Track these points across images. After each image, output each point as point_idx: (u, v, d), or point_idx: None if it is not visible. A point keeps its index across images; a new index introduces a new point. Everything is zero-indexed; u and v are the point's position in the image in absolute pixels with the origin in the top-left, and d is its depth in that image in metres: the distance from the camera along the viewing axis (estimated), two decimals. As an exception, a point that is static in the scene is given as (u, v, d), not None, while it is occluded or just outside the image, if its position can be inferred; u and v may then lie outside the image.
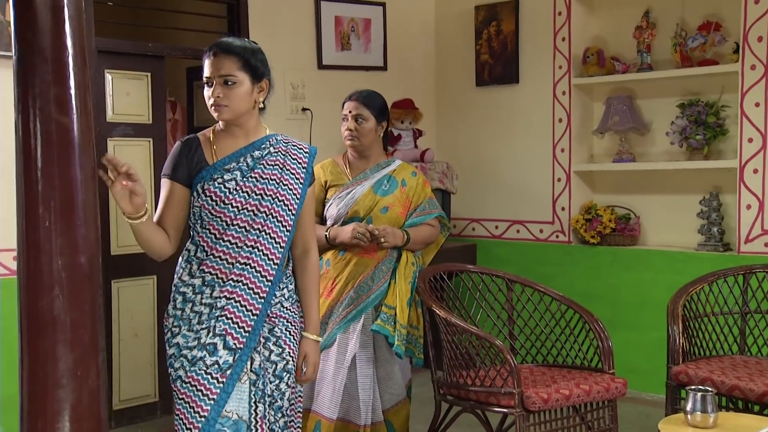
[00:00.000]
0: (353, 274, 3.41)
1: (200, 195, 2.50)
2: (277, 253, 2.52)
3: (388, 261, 3.46)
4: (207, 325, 2.46)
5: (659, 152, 5.29)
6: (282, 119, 5.26)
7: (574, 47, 5.44)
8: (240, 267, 2.48)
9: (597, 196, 5.56)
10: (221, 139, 2.57)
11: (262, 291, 2.50)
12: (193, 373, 2.44)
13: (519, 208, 5.72)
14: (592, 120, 5.54)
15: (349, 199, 3.47)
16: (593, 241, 5.32)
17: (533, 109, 5.62)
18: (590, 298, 5.31)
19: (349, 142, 3.49)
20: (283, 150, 2.60)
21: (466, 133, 5.99)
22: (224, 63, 2.47)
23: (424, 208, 3.55)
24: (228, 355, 2.45)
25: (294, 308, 2.63)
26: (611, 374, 3.49)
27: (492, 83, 5.80)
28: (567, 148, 5.46)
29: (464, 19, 5.93)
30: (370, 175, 3.52)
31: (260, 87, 2.54)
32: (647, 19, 5.18)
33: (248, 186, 2.51)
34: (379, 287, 3.41)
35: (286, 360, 2.57)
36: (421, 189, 3.58)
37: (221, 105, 2.48)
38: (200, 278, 2.50)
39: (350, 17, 5.58)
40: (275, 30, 5.22)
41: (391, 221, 3.47)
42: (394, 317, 3.39)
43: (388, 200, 3.49)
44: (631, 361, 5.06)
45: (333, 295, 3.41)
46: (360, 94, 3.53)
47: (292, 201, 2.57)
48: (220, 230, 2.49)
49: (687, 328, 3.78)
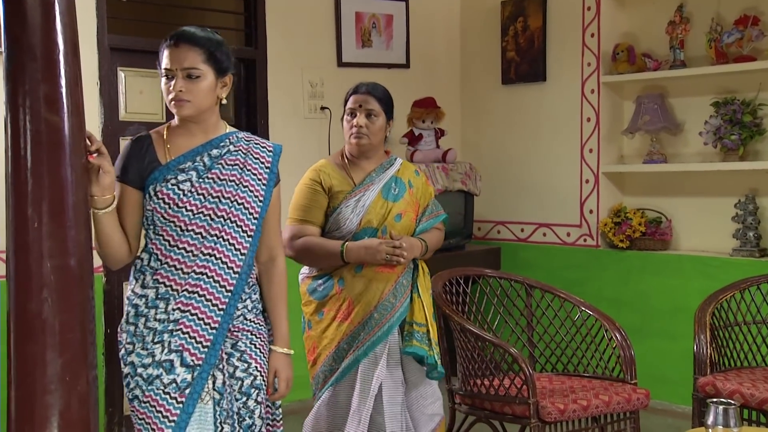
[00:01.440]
0: (374, 292, 3.11)
1: (152, 198, 2.37)
2: (237, 261, 2.39)
3: (407, 274, 3.20)
4: (160, 340, 2.34)
5: (692, 153, 5.20)
6: (300, 118, 5.26)
7: (604, 44, 5.37)
8: (195, 277, 2.35)
9: (627, 199, 5.48)
10: (176, 137, 2.43)
11: (221, 302, 2.37)
12: (151, 392, 2.33)
13: (545, 211, 5.67)
14: (622, 119, 5.47)
15: (360, 208, 3.16)
16: (622, 246, 5.25)
17: (560, 108, 5.56)
18: (619, 304, 5.25)
19: (357, 140, 3.18)
20: (244, 148, 2.46)
21: (491, 133, 5.95)
22: (188, 55, 2.34)
23: (431, 210, 3.32)
24: (186, 373, 2.33)
25: (259, 320, 2.50)
26: (633, 384, 3.44)
27: (518, 81, 5.75)
28: (595, 148, 5.40)
29: (490, 15, 5.89)
30: (376, 177, 3.21)
31: (223, 82, 2.42)
32: (680, 14, 5.10)
33: (204, 188, 2.38)
34: (402, 304, 3.15)
35: (253, 376, 2.44)
36: (426, 189, 3.34)
37: (183, 100, 2.34)
38: (153, 289, 2.37)
39: (371, 13, 5.57)
40: (294, 26, 5.22)
41: (405, 229, 3.20)
42: (427, 335, 3.14)
43: (401, 206, 3.21)
44: (661, 371, 4.99)
45: (351, 318, 3.10)
46: (369, 87, 3.26)
47: (253, 204, 2.43)
48: (174, 236, 2.36)
49: (716, 337, 3.72)
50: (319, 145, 5.31)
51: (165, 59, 2.37)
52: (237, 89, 5.17)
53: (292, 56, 5.21)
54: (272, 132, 5.14)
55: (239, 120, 5.19)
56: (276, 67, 5.14)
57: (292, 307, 2.70)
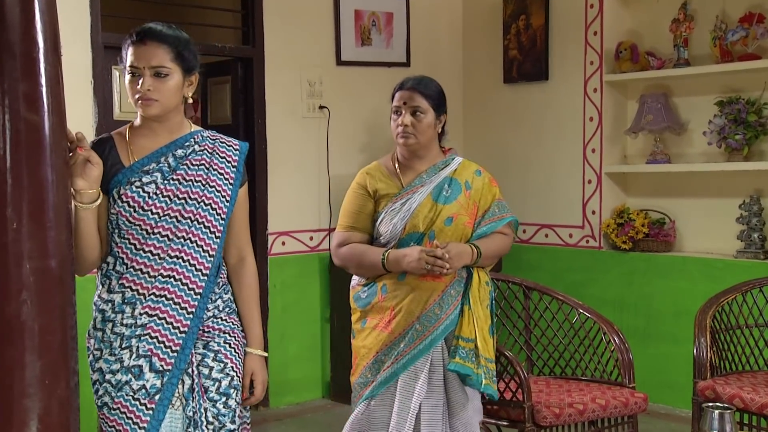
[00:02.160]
0: (417, 302, 2.95)
1: (116, 201, 2.33)
2: (206, 263, 2.36)
3: (457, 283, 2.99)
4: (128, 345, 2.30)
5: (696, 153, 5.18)
6: (298, 117, 5.26)
7: (607, 42, 5.35)
8: (163, 280, 2.32)
9: (630, 200, 5.46)
10: (139, 138, 2.39)
11: (190, 305, 2.34)
12: (121, 399, 2.30)
13: (548, 212, 5.65)
14: (625, 119, 5.45)
15: (406, 212, 2.98)
16: (625, 247, 5.23)
17: (563, 108, 5.54)
18: (622, 307, 5.23)
19: (403, 140, 3.00)
20: (210, 148, 2.43)
21: (493, 133, 5.93)
22: (156, 52, 2.30)
23: (493, 213, 3.07)
24: (155, 379, 2.29)
25: (232, 319, 2.46)
26: (632, 388, 3.42)
27: (520, 80, 5.73)
28: (598, 148, 5.38)
29: (492, 13, 5.87)
30: (427, 179, 3.02)
31: (190, 81, 2.38)
32: (685, 12, 5.08)
33: (170, 189, 2.34)
34: (448, 316, 2.95)
35: (230, 376, 2.39)
36: (488, 190, 3.09)
37: (151, 99, 2.29)
38: (120, 294, 2.33)
39: (371, 11, 5.56)
40: (292, 24, 5.21)
41: (458, 234, 3.00)
42: (475, 351, 2.93)
43: (452, 209, 3.00)
44: (664, 374, 4.97)
45: (391, 328, 2.96)
46: (416, 81, 3.06)
47: (220, 204, 2.39)
48: (140, 240, 2.33)
49: (717, 341, 3.69)
50: (318, 145, 5.31)
51: (131, 56, 2.32)
52: (234, 88, 5.17)
53: (291, 55, 5.21)
54: (270, 132, 5.14)
55: (236, 119, 5.19)
56: (274, 65, 5.14)
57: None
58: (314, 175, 5.33)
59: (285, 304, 5.24)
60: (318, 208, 5.33)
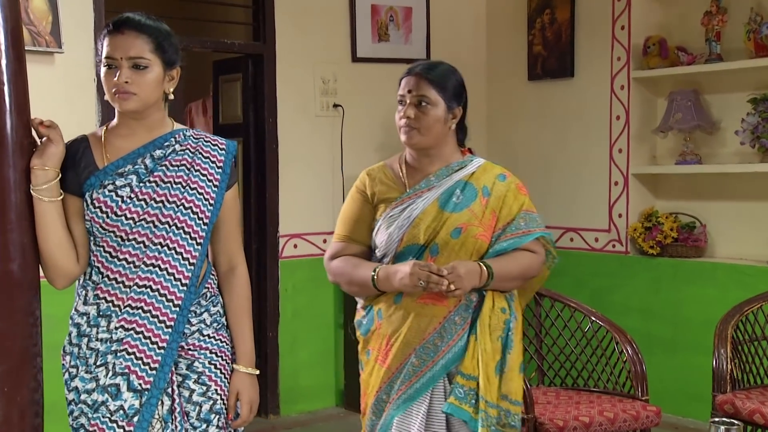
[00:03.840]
0: (414, 330, 2.59)
1: (89, 206, 2.22)
2: (185, 272, 2.25)
3: (464, 309, 2.60)
4: (104, 362, 2.21)
5: (729, 153, 5.06)
6: (311, 116, 5.24)
7: (635, 36, 5.25)
8: (138, 290, 2.21)
9: (659, 202, 5.35)
10: (116, 138, 2.28)
11: (169, 318, 2.23)
12: (97, 421, 2.19)
13: (572, 214, 5.56)
14: (654, 117, 5.34)
15: (404, 220, 2.62)
16: (652, 252, 5.12)
17: (589, 106, 5.45)
18: (649, 315, 5.14)
19: (405, 136, 2.63)
20: (192, 147, 2.31)
21: (516, 132, 5.86)
22: (134, 43, 2.19)
23: (517, 227, 2.62)
24: (134, 399, 2.19)
25: (221, 336, 2.35)
26: (644, 401, 3.34)
27: (545, 77, 5.65)
28: (625, 148, 5.28)
29: (516, 7, 5.80)
30: (436, 182, 2.64)
31: (171, 75, 2.28)
32: (717, 4, 4.97)
33: (146, 192, 2.23)
34: (450, 348, 2.58)
35: (213, 400, 2.29)
36: (514, 198, 2.66)
37: (128, 92, 2.19)
38: (95, 306, 2.24)
39: (389, 6, 5.52)
40: (305, 19, 5.20)
41: (467, 249, 2.59)
42: (475, 392, 2.54)
43: (462, 218, 2.60)
44: (692, 386, 4.85)
45: (388, 362, 2.62)
46: (425, 67, 2.67)
47: (202, 208, 2.28)
48: (114, 247, 2.23)
49: (740, 352, 3.60)
50: (332, 144, 5.28)
51: (107, 47, 2.21)
52: (245, 86, 5.17)
53: (303, 51, 5.19)
54: (281, 131, 5.13)
55: (246, 118, 5.19)
56: (286, 62, 5.13)
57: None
58: (327, 175, 5.30)
59: (296, 309, 5.22)
60: (331, 209, 5.30)
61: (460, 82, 2.69)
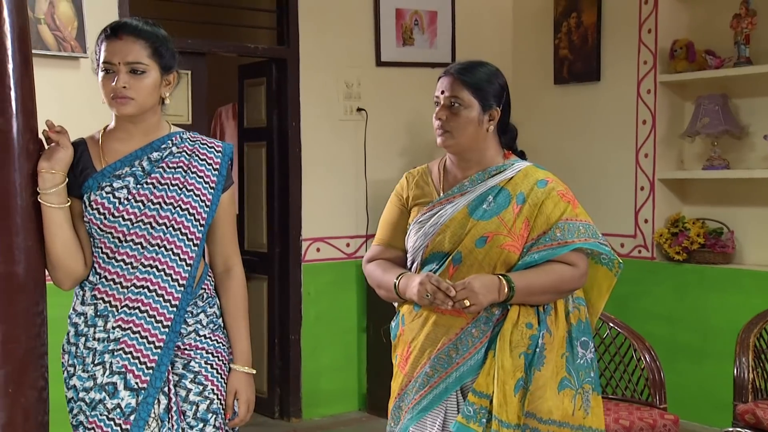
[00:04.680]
0: (431, 339, 2.50)
1: (87, 208, 2.26)
2: (182, 273, 2.28)
3: (484, 321, 2.47)
4: (101, 361, 2.24)
5: (758, 158, 4.98)
6: (334, 120, 5.25)
7: (661, 40, 5.20)
8: (136, 291, 2.25)
9: (686, 208, 5.29)
10: (112, 141, 2.32)
11: (166, 318, 2.26)
12: (95, 419, 2.23)
13: (598, 219, 5.40)
14: (682, 122, 5.27)
15: (431, 226, 2.53)
16: (679, 258, 5.06)
17: (615, 110, 5.40)
18: (674, 322, 5.07)
19: (439, 138, 2.54)
20: (189, 149, 2.35)
21: (542, 136, 5.81)
22: (132, 48, 2.22)
23: (552, 237, 2.45)
24: (130, 397, 2.22)
25: (217, 336, 2.38)
26: (662, 409, 3.30)
27: (571, 81, 5.61)
28: (651, 153, 5.22)
29: (543, 10, 5.77)
30: (469, 187, 2.54)
31: (167, 80, 2.31)
32: (747, 6, 4.89)
33: (143, 194, 2.27)
34: (465, 361, 2.46)
35: (210, 399, 2.32)
36: (553, 205, 2.49)
37: (126, 97, 2.22)
38: (92, 306, 2.27)
39: (414, 9, 5.51)
40: (329, 23, 5.21)
41: (491, 260, 2.47)
42: (487, 411, 2.41)
43: (489, 226, 2.47)
44: (717, 395, 4.77)
45: (407, 369, 2.55)
46: (460, 67, 2.56)
47: (199, 209, 2.31)
48: (112, 248, 2.26)
49: (763, 361, 3.54)
50: (355, 149, 5.28)
51: (104, 52, 2.25)
52: (268, 90, 5.19)
53: (327, 55, 5.20)
54: (304, 135, 5.14)
55: (270, 122, 5.20)
56: (309, 66, 5.14)
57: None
58: (351, 179, 5.30)
59: (319, 313, 5.23)
60: (355, 213, 5.30)
61: (500, 83, 2.56)
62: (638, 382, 3.43)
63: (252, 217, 5.44)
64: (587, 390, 2.50)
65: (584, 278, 2.53)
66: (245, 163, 5.50)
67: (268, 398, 5.24)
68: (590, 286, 2.62)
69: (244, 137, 5.52)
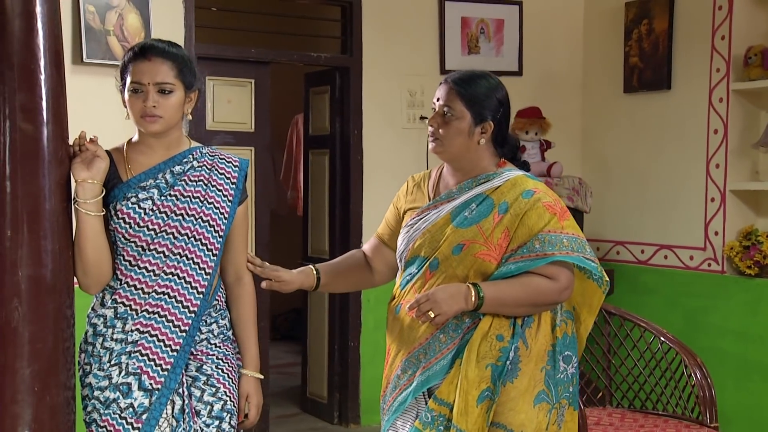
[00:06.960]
0: (405, 341, 2.54)
1: (113, 217, 2.38)
2: (201, 281, 2.40)
3: (453, 328, 2.46)
4: (118, 362, 2.34)
5: (835, 169, 4.80)
6: (397, 128, 5.26)
7: (735, 47, 5.04)
8: (157, 297, 2.36)
9: (761, 220, 5.11)
10: (137, 154, 2.45)
11: (184, 323, 2.38)
12: (108, 417, 2.32)
13: (667, 231, 5.37)
14: (756, 131, 5.10)
15: (414, 231, 2.57)
16: (750, 273, 4.89)
17: (686, 119, 5.26)
18: (746, 338, 4.90)
19: (431, 146, 2.56)
20: (209, 164, 2.48)
21: (611, 145, 5.72)
22: (160, 69, 2.37)
23: (531, 249, 2.40)
24: (144, 397, 2.32)
25: (226, 346, 2.49)
26: (713, 428, 3.20)
27: (641, 89, 5.49)
28: (722, 163, 5.07)
29: (613, 17, 5.67)
30: (457, 194, 2.53)
31: (190, 97, 2.46)
32: (825, 13, 4.73)
33: (167, 205, 2.39)
34: (431, 365, 2.47)
35: (223, 400, 2.42)
36: (537, 217, 2.42)
37: (156, 116, 2.36)
38: (112, 309, 2.37)
39: (480, 18, 5.49)
40: (392, 32, 5.23)
41: (465, 268, 2.45)
42: (446, 419, 2.40)
43: (466, 234, 2.46)
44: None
45: (386, 370, 2.64)
46: (458, 76, 2.54)
47: (218, 221, 2.44)
48: (135, 256, 2.38)
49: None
50: (417, 157, 5.28)
51: (135, 72, 2.38)
52: (331, 98, 5.24)
53: (390, 63, 5.22)
54: (366, 143, 5.17)
55: (333, 130, 5.25)
56: (372, 75, 5.17)
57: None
58: (413, 187, 5.30)
59: (378, 320, 5.23)
60: (417, 222, 5.30)
61: (498, 97, 2.53)
62: (689, 398, 3.34)
63: (315, 224, 5.50)
64: (563, 405, 2.47)
65: (566, 292, 2.44)
66: (309, 170, 5.57)
67: (328, 404, 5.29)
68: (581, 301, 2.56)
69: (309, 144, 5.59)
